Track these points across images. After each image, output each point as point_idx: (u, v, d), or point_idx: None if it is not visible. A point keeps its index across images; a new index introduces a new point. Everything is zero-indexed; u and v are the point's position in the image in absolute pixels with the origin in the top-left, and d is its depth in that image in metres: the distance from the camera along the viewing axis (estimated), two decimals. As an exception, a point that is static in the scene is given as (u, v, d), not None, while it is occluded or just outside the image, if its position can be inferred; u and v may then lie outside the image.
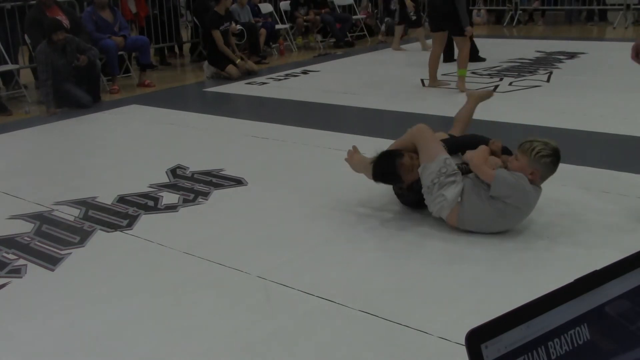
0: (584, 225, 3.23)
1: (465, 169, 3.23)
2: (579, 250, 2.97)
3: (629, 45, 3.17)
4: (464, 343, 0.74)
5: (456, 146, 3.43)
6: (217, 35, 7.92)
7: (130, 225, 3.49)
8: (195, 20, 9.70)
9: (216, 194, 3.93)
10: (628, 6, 11.84)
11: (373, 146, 4.45)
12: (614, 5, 12.36)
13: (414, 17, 9.15)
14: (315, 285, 2.73)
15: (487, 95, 4.29)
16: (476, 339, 0.75)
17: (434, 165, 3.12)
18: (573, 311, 0.84)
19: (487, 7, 13.31)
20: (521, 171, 3.02)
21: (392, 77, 7.73)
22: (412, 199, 3.38)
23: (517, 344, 0.78)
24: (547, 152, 3.00)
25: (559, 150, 3.04)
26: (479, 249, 3.02)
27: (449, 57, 8.05)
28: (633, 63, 3.25)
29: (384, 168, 3.31)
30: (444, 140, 3.48)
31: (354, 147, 3.65)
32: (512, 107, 5.85)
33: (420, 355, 2.26)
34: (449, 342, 2.26)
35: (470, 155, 3.18)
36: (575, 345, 0.83)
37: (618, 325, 0.90)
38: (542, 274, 2.72)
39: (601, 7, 12.48)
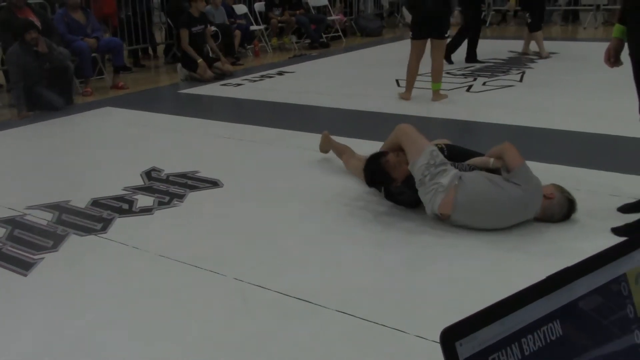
0: (556, 222, 3.27)
1: (467, 168, 3.31)
2: (550, 247, 3.01)
3: (599, 45, 3.23)
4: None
5: (459, 154, 3.51)
6: (184, 34, 7.86)
7: (104, 229, 3.45)
8: (169, 21, 9.64)
9: (192, 196, 3.91)
10: (598, 7, 12.03)
11: (351, 146, 4.47)
12: (584, 5, 12.54)
13: (529, 20, 8.38)
14: (292, 287, 2.72)
15: None
16: (451, 337, 0.76)
17: (421, 159, 3.19)
18: (546, 308, 0.85)
19: (460, 9, 13.39)
20: (544, 188, 3.19)
21: (367, 77, 7.75)
22: (410, 198, 3.38)
23: (491, 341, 0.79)
24: (571, 197, 3.22)
25: (574, 210, 3.22)
26: (453, 248, 3.04)
27: (472, 57, 8.17)
28: (603, 63, 3.29)
29: (372, 169, 3.39)
30: (447, 146, 3.58)
31: (350, 151, 3.97)
32: (485, 107, 5.91)
33: (397, 354, 2.27)
34: (426, 340, 2.27)
35: (497, 147, 3.30)
36: (548, 341, 0.84)
37: (590, 320, 0.91)
38: (515, 272, 2.75)
39: (572, 7, 12.65)
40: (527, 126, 5.13)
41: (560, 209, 3.19)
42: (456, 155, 3.47)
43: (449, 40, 6.12)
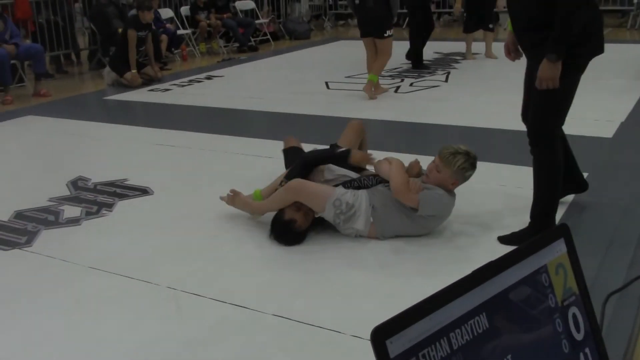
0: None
1: (372, 181, 3.26)
2: (477, 241, 3.10)
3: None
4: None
5: (316, 161, 3.46)
6: (132, 34, 7.69)
7: (29, 242, 3.33)
8: (92, 26, 9.39)
9: (121, 205, 3.82)
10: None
11: (279, 149, 4.47)
12: (503, 8, 12.98)
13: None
14: (227, 292, 2.71)
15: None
16: (381, 335, 0.77)
17: (327, 213, 3.14)
18: (472, 302, 0.88)
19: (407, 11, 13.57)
20: (443, 182, 3.09)
21: (296, 80, 7.77)
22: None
23: (420, 337, 0.80)
24: (469, 165, 3.09)
25: (476, 160, 3.14)
26: (384, 248, 3.09)
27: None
28: (520, 61, 3.40)
29: (289, 240, 3.18)
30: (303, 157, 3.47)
31: (233, 190, 3.50)
32: (413, 107, 6.02)
33: (335, 354, 2.29)
34: (362, 339, 2.30)
35: (391, 179, 3.09)
36: (475, 334, 0.87)
37: (515, 312, 0.94)
38: (442, 268, 2.81)
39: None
40: (453, 125, 5.26)
41: (466, 180, 3.16)
42: (315, 163, 3.42)
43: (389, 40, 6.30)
